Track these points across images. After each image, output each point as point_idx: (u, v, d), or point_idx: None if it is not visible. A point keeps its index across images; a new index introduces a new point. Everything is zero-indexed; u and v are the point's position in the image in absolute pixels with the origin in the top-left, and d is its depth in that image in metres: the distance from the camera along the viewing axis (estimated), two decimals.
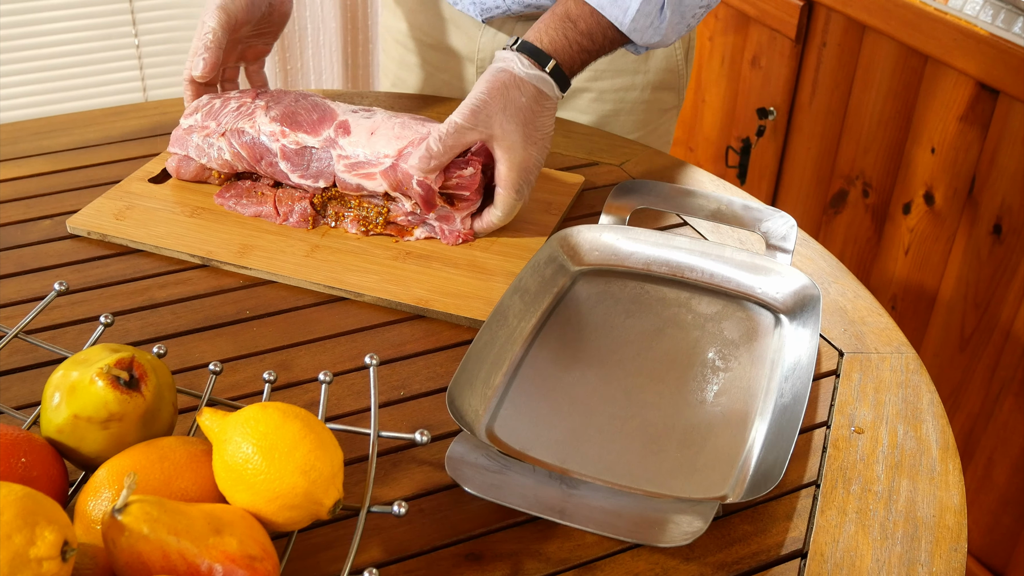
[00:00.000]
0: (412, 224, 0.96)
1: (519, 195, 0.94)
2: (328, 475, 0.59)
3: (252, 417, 0.59)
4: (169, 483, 0.60)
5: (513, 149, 0.92)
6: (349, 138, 0.96)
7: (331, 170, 0.96)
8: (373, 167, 0.94)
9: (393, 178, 0.93)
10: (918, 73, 1.57)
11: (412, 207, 0.94)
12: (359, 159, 0.95)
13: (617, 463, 0.73)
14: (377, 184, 0.94)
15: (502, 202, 0.94)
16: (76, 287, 0.91)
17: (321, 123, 0.97)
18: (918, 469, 0.75)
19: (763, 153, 1.93)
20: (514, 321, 0.85)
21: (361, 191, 0.96)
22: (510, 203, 0.94)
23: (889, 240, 1.69)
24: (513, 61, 0.93)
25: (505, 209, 0.94)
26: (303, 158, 0.96)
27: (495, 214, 0.95)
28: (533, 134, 0.94)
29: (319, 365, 0.82)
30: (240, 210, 0.98)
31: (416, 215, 0.95)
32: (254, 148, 0.98)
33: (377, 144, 0.95)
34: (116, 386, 0.62)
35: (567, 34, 0.95)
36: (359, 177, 0.95)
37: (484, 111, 0.91)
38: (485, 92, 0.92)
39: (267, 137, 0.97)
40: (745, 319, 0.87)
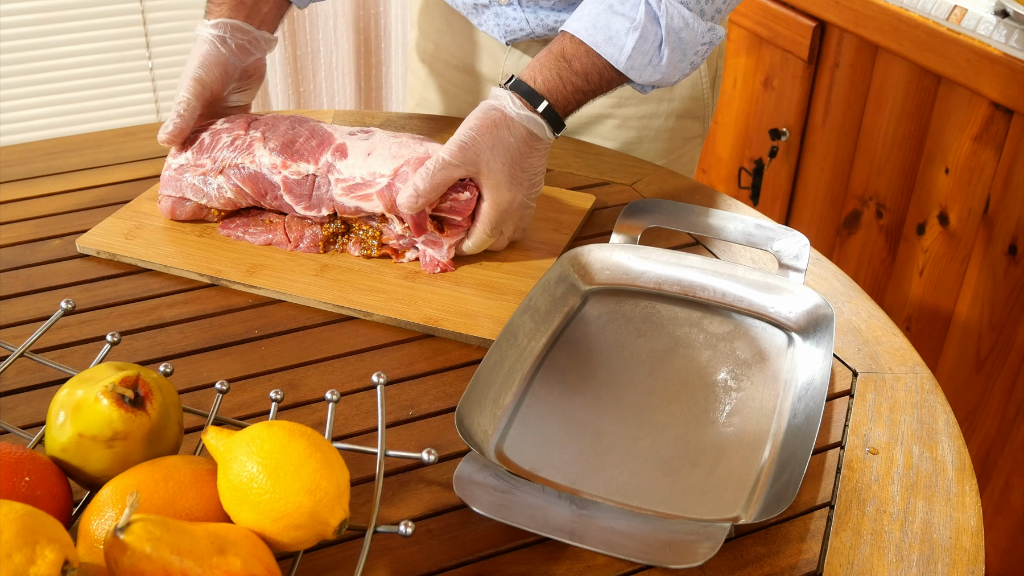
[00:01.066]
0: (403, 248, 0.95)
1: (493, 233, 0.93)
2: (334, 495, 0.58)
3: (257, 436, 0.59)
4: (174, 502, 0.59)
5: (497, 188, 0.91)
6: (346, 161, 0.94)
7: (331, 196, 0.94)
8: (369, 188, 0.93)
9: (388, 198, 0.92)
10: (931, 93, 1.56)
11: (403, 230, 0.94)
12: (355, 181, 0.93)
13: (628, 484, 0.72)
14: (374, 205, 0.93)
15: (474, 235, 0.94)
16: (85, 306, 0.91)
17: (320, 148, 0.96)
18: (934, 490, 0.73)
19: (776, 174, 1.92)
20: (524, 340, 0.84)
21: (359, 213, 0.95)
22: (481, 239, 0.94)
23: (903, 261, 1.68)
24: (506, 100, 0.92)
25: (475, 241, 0.94)
26: (304, 187, 0.95)
27: (465, 243, 0.94)
28: (519, 175, 0.92)
29: (327, 384, 0.82)
30: (249, 239, 0.97)
31: (406, 238, 0.94)
32: (257, 183, 0.96)
33: (373, 164, 0.93)
34: (121, 404, 0.61)
35: (561, 74, 0.93)
36: (356, 199, 0.93)
37: (472, 148, 0.90)
38: (474, 129, 0.91)
39: (268, 170, 0.95)
40: (758, 339, 0.86)
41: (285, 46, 2.17)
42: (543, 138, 0.93)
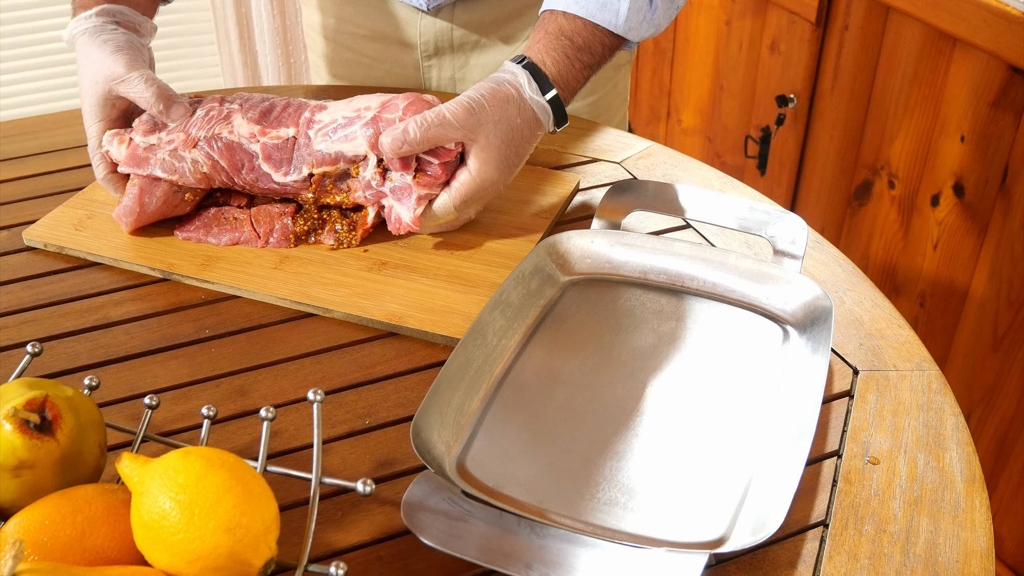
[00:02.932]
0: (368, 202, 0.88)
1: (461, 207, 0.87)
2: (257, 532, 0.52)
3: (171, 467, 0.52)
4: (82, 539, 0.53)
5: (487, 164, 0.86)
6: (325, 112, 0.89)
7: (311, 149, 0.88)
8: (353, 125, 0.87)
9: (374, 132, 0.86)
10: (946, 56, 1.47)
11: (375, 174, 0.87)
12: (337, 124, 0.87)
13: (598, 503, 0.65)
14: (356, 145, 0.86)
15: (440, 203, 0.87)
16: (28, 304, 0.85)
17: (298, 112, 0.90)
18: (940, 506, 0.67)
19: (784, 143, 1.84)
20: (494, 339, 0.77)
21: (339, 162, 0.87)
22: (446, 207, 0.87)
23: (917, 234, 1.60)
24: (523, 79, 0.87)
25: (440, 211, 0.87)
26: (284, 152, 0.88)
27: (431, 211, 0.87)
28: (512, 158, 0.87)
29: (279, 391, 0.75)
30: (212, 241, 0.90)
31: (373, 189, 0.87)
32: (234, 154, 0.89)
33: (357, 104, 0.88)
34: (25, 431, 0.55)
35: (568, 53, 0.90)
36: (338, 143, 0.87)
37: (478, 115, 0.85)
38: (485, 97, 0.86)
39: (246, 140, 0.88)
40: (749, 333, 0.79)
41: (274, 16, 2.10)
42: (544, 127, 0.89)
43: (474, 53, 1.18)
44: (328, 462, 0.69)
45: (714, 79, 2.00)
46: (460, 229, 0.91)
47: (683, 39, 2.07)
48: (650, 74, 2.22)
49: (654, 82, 2.21)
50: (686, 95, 2.11)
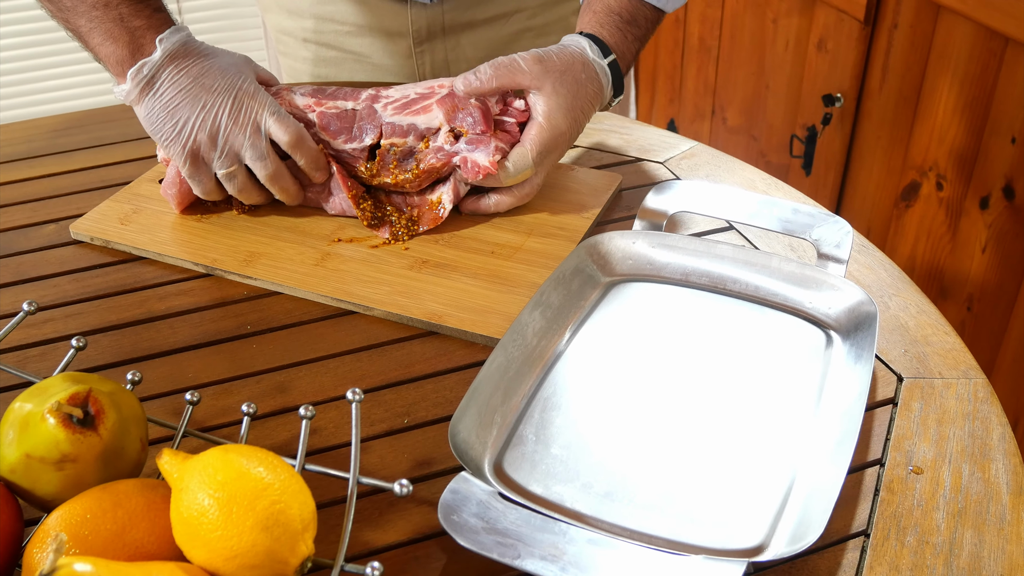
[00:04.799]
0: (439, 164, 0.89)
1: (538, 158, 0.89)
2: (295, 530, 0.52)
3: (211, 464, 0.53)
4: (123, 534, 0.53)
5: (554, 113, 0.89)
6: (393, 88, 0.92)
7: (378, 122, 0.90)
8: (428, 99, 0.90)
9: (451, 105, 0.89)
10: (998, 56, 1.44)
11: (446, 138, 0.89)
12: (411, 96, 0.90)
13: (637, 507, 0.65)
14: (432, 116, 0.89)
15: (519, 156, 0.89)
16: (74, 297, 0.86)
17: (355, 92, 0.92)
18: (985, 517, 0.65)
19: (830, 142, 1.82)
20: (533, 340, 0.77)
21: (410, 135, 0.89)
22: (525, 160, 0.89)
23: (965, 236, 1.57)
24: (585, 44, 0.92)
25: (518, 163, 0.89)
26: (345, 120, 0.90)
27: (508, 163, 0.89)
28: (577, 113, 0.90)
29: (319, 387, 0.76)
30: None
31: (445, 152, 0.89)
32: None
33: (429, 83, 0.92)
34: (68, 425, 0.56)
35: (619, 26, 0.96)
36: (412, 115, 0.89)
37: (547, 64, 0.89)
38: (554, 52, 0.90)
39: (302, 109, 0.90)
40: (792, 338, 0.79)
41: None
42: (603, 94, 0.93)
43: (465, 33, 1.19)
44: (366, 460, 0.69)
45: (759, 77, 1.98)
46: (501, 228, 0.91)
47: (729, 37, 2.05)
48: (695, 72, 2.20)
49: (699, 80, 2.19)
50: (731, 93, 2.09)
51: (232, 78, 0.87)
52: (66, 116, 1.14)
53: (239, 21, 2.18)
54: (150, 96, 0.86)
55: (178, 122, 0.86)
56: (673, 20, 2.23)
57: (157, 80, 0.86)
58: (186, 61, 0.86)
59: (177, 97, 0.86)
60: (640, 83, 2.44)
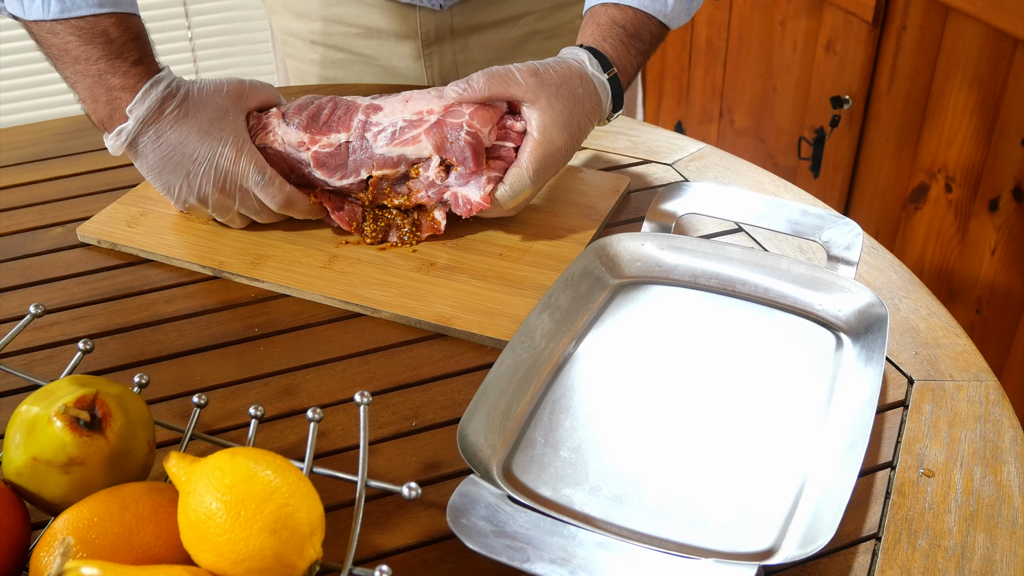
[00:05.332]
0: (431, 200, 0.87)
1: (535, 177, 0.86)
2: (303, 534, 0.52)
3: (218, 467, 0.53)
4: (130, 537, 0.53)
5: (550, 127, 0.86)
6: (382, 113, 0.87)
7: (370, 154, 0.86)
8: (417, 128, 0.86)
9: (440, 135, 0.85)
10: (1007, 58, 1.44)
11: (436, 172, 0.86)
12: (399, 126, 0.86)
13: (645, 509, 0.64)
14: (421, 147, 0.85)
15: (515, 178, 0.86)
16: (81, 300, 0.85)
17: (348, 115, 0.88)
18: (996, 521, 0.65)
19: (838, 144, 1.81)
20: (542, 342, 0.77)
21: (400, 165, 0.86)
22: (522, 182, 0.86)
23: (974, 239, 1.57)
24: (585, 57, 0.90)
25: (516, 185, 0.86)
26: (338, 158, 0.87)
27: (501, 190, 0.86)
28: (573, 128, 0.88)
29: (326, 390, 0.75)
30: None
31: (436, 187, 0.86)
32: (283, 162, 0.88)
33: (418, 106, 0.87)
34: (75, 428, 0.56)
35: (622, 39, 0.93)
36: (401, 146, 0.86)
37: (543, 77, 0.86)
38: (552, 66, 0.88)
39: (294, 148, 0.87)
40: (802, 340, 0.78)
41: None
42: (602, 109, 0.90)
43: (473, 36, 1.19)
44: (374, 463, 0.69)
45: (767, 79, 1.98)
46: (509, 230, 0.91)
47: (736, 39, 2.04)
48: (703, 74, 2.20)
49: (707, 82, 2.19)
50: (739, 95, 2.09)
51: (212, 144, 0.85)
52: (73, 119, 1.14)
53: (246, 24, 2.19)
54: (135, 156, 0.87)
55: (167, 184, 0.87)
56: None
57: (138, 144, 0.86)
58: (163, 126, 0.85)
59: (159, 163, 0.86)
60: (648, 85, 2.44)
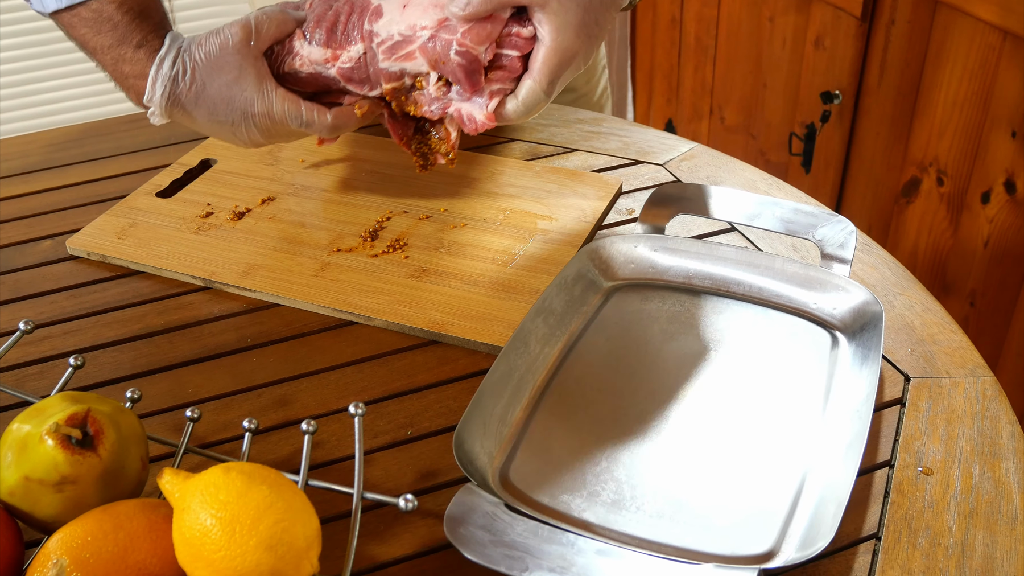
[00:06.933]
0: (435, 115, 0.83)
1: (549, 88, 0.78)
2: (299, 549, 0.51)
3: (212, 483, 0.52)
4: (124, 555, 0.53)
5: (564, 30, 0.77)
6: (381, 22, 0.82)
7: (376, 67, 0.83)
8: (410, 44, 0.81)
9: (433, 52, 0.80)
10: (996, 51, 1.44)
11: (436, 88, 0.81)
12: (394, 40, 0.81)
13: (644, 514, 0.64)
14: (418, 64, 0.81)
15: (527, 91, 0.78)
16: (71, 314, 0.85)
17: (360, 21, 0.83)
18: (996, 518, 0.65)
19: (829, 140, 1.81)
20: (536, 347, 0.76)
21: (404, 78, 0.82)
22: (536, 94, 0.78)
23: (967, 232, 1.57)
24: None
25: (528, 99, 0.79)
26: (360, 72, 0.84)
27: (512, 104, 0.79)
28: (591, 27, 0.78)
29: (320, 401, 0.75)
30: None
31: (440, 101, 0.82)
32: (317, 82, 0.85)
33: (411, 17, 0.81)
34: (67, 446, 0.55)
35: None
36: (400, 61, 0.81)
37: None
38: None
39: (321, 66, 0.84)
40: (798, 340, 0.78)
41: None
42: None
43: None
44: (370, 473, 0.69)
45: (757, 76, 1.98)
46: (501, 234, 0.90)
47: (725, 36, 2.04)
48: (692, 71, 2.20)
49: (696, 79, 2.19)
50: (729, 92, 2.09)
51: (240, 107, 0.83)
52: (61, 130, 1.13)
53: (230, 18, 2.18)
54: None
55: (225, 140, 0.87)
56: (669, 20, 2.22)
57: (176, 118, 0.85)
58: (186, 103, 0.83)
59: (205, 128, 0.86)
60: (637, 83, 2.43)
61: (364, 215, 0.93)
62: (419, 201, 0.95)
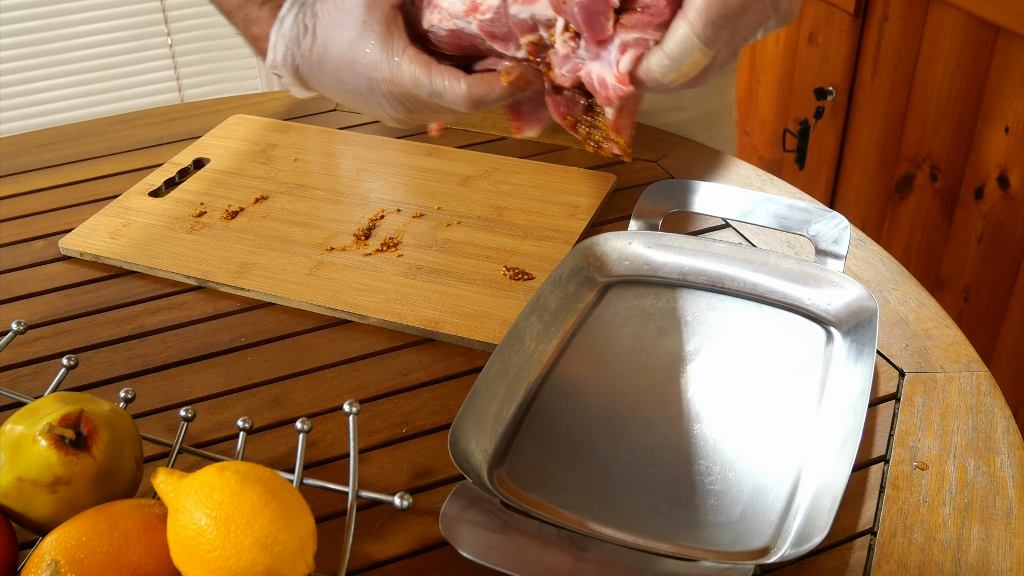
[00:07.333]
0: (567, 81, 0.66)
1: (708, 35, 0.57)
2: (294, 548, 0.51)
3: (207, 482, 0.52)
4: (119, 556, 0.52)
5: None
6: None
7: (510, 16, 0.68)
8: None
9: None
10: (989, 46, 1.44)
11: (563, 42, 0.64)
12: None
13: (642, 512, 0.64)
14: (543, 6, 0.64)
15: (678, 38, 0.58)
16: (64, 314, 0.85)
17: None
18: (991, 512, 0.65)
19: (823, 136, 1.81)
20: (531, 344, 0.76)
21: (538, 29, 0.65)
22: (689, 42, 0.58)
23: (960, 227, 1.57)
24: None
25: (678, 50, 0.58)
26: (501, 25, 0.67)
27: (657, 58, 0.59)
28: None
29: (315, 399, 0.75)
30: None
31: (570, 62, 0.65)
32: (460, 42, 0.70)
33: None
34: (60, 446, 0.55)
35: None
36: (527, 5, 0.65)
37: None
38: None
39: (462, 20, 0.68)
40: (792, 336, 0.78)
41: None
42: None
43: None
44: (365, 472, 0.69)
45: (751, 72, 1.98)
46: (495, 232, 0.90)
47: None
48: None
49: None
50: None
51: (366, 73, 0.68)
52: (54, 130, 1.13)
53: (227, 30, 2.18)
54: None
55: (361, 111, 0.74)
56: None
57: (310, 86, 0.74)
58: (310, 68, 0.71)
59: (338, 98, 0.73)
60: None
61: (357, 213, 0.93)
62: (412, 199, 0.95)
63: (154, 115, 1.15)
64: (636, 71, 0.59)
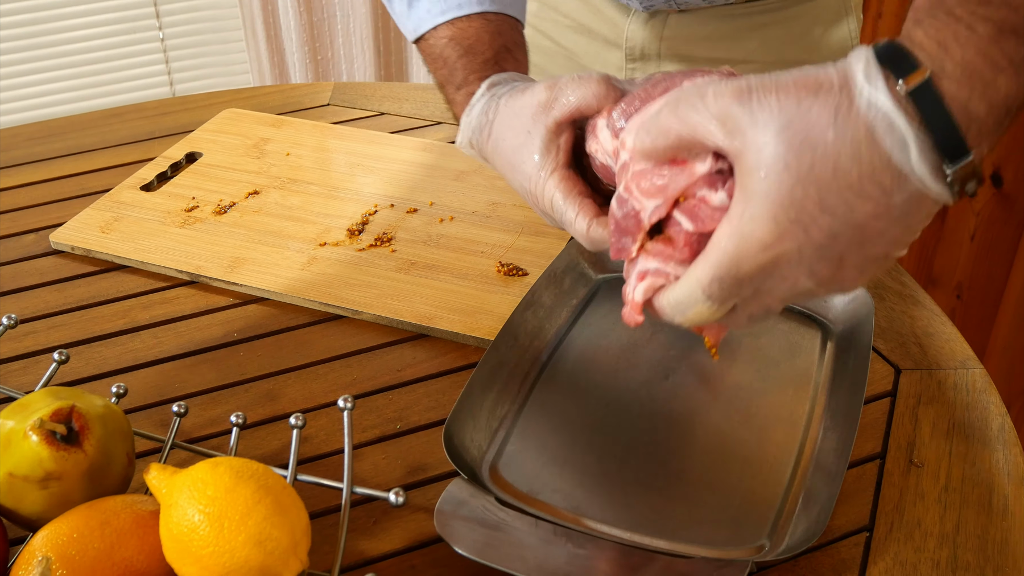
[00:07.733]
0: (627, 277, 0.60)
1: (714, 291, 0.53)
2: (287, 545, 0.51)
3: (200, 478, 0.51)
4: (111, 552, 0.52)
5: (756, 203, 0.50)
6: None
7: None
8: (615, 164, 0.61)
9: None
10: None
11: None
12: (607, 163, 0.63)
13: (637, 509, 0.64)
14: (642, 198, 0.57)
15: (682, 288, 0.54)
16: (56, 309, 0.84)
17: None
18: (987, 508, 0.65)
19: None
20: (526, 340, 0.76)
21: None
22: (690, 293, 0.54)
23: (953, 225, 1.57)
24: (860, 63, 0.49)
25: (678, 299, 0.55)
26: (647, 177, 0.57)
27: (668, 296, 0.56)
28: (816, 214, 0.49)
29: (308, 395, 0.74)
30: None
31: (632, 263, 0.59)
32: (610, 174, 0.63)
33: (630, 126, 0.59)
34: (52, 442, 0.54)
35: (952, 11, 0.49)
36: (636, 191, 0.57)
37: (751, 106, 0.49)
38: (777, 83, 0.50)
39: (611, 159, 0.62)
40: (787, 333, 0.78)
41: (300, 13, 2.09)
42: (905, 172, 0.48)
43: (680, 67, 1.03)
44: (359, 468, 0.68)
45: None
46: (490, 227, 0.90)
47: None
48: None
49: None
50: None
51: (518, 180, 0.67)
52: (45, 124, 1.12)
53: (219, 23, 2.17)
54: None
55: None
56: None
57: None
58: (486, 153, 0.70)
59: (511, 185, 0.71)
60: None
61: (351, 209, 0.93)
62: (406, 194, 0.94)
63: (146, 109, 1.14)
64: (653, 300, 0.57)
